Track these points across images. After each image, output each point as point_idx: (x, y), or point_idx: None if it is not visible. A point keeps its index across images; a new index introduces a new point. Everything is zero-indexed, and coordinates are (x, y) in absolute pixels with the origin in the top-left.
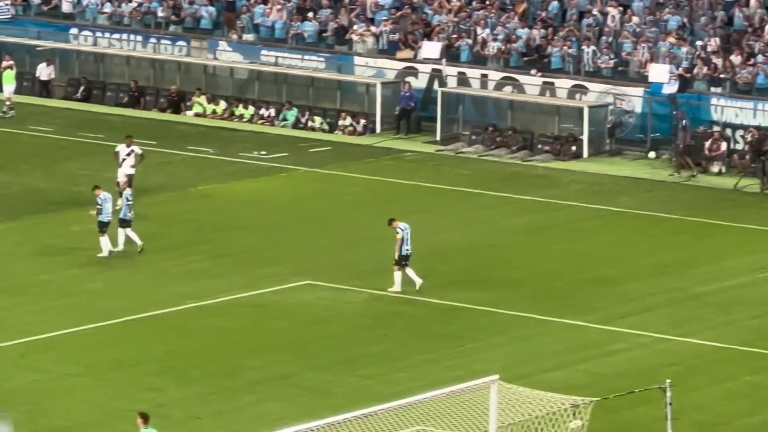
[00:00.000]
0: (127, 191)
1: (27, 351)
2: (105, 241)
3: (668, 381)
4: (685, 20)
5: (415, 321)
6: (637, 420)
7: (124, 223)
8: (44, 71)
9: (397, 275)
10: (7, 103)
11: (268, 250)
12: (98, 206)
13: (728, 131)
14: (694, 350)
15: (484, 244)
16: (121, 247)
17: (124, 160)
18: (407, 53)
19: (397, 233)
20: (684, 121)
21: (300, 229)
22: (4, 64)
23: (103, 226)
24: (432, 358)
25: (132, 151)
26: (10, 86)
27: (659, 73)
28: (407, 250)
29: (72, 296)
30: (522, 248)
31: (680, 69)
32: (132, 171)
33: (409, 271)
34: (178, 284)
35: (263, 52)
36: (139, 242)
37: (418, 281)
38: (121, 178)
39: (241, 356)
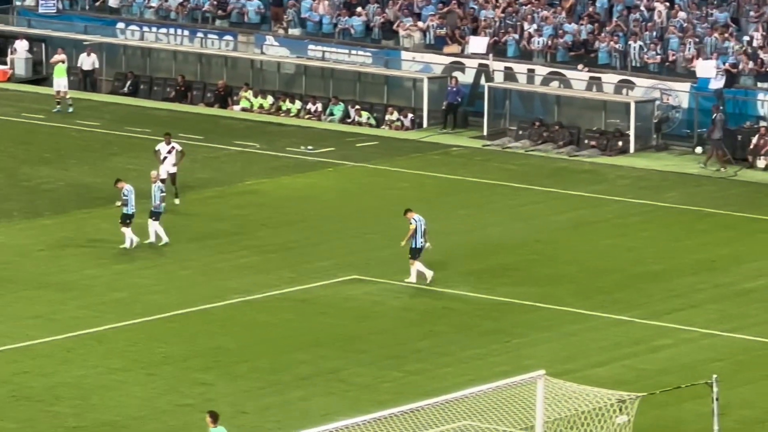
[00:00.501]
0: (159, 184)
1: (75, 345)
2: (128, 233)
3: (715, 376)
4: (732, 15)
5: (462, 316)
6: (684, 416)
7: (155, 215)
8: (86, 61)
9: (413, 267)
10: (66, 97)
11: (315, 245)
12: (124, 197)
13: None
14: (741, 346)
15: (531, 240)
16: (152, 239)
17: (165, 158)
18: (454, 48)
19: (411, 224)
20: (716, 115)
21: (347, 224)
22: (56, 57)
23: (127, 218)
24: (478, 353)
25: (172, 148)
26: (61, 80)
27: (706, 68)
28: (421, 242)
29: (119, 291)
30: (568, 243)
31: (726, 64)
32: (174, 169)
33: (418, 264)
34: (226, 279)
35: (310, 46)
36: (162, 238)
37: (429, 273)
38: (162, 174)
39: (289, 351)
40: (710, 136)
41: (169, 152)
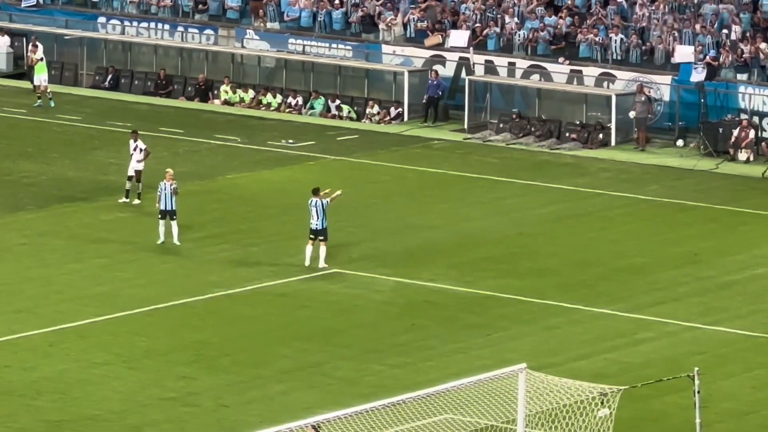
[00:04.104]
0: (172, 183)
1: (56, 340)
2: None
3: (696, 369)
4: (715, 7)
5: (444, 310)
6: (666, 408)
7: (172, 214)
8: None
9: (307, 249)
10: (47, 92)
11: (295, 239)
12: None
13: (756, 119)
14: (722, 339)
15: (513, 233)
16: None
17: (131, 155)
18: (436, 38)
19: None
20: (644, 96)
21: (328, 218)
22: (33, 57)
23: None
24: (460, 347)
25: (137, 146)
26: (41, 75)
27: (684, 53)
28: (314, 224)
29: (101, 285)
30: (550, 237)
31: (708, 57)
32: (140, 166)
33: (322, 249)
34: (207, 273)
35: (291, 40)
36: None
37: (309, 260)
38: (130, 171)
39: (271, 345)
40: (642, 116)
41: (135, 149)
